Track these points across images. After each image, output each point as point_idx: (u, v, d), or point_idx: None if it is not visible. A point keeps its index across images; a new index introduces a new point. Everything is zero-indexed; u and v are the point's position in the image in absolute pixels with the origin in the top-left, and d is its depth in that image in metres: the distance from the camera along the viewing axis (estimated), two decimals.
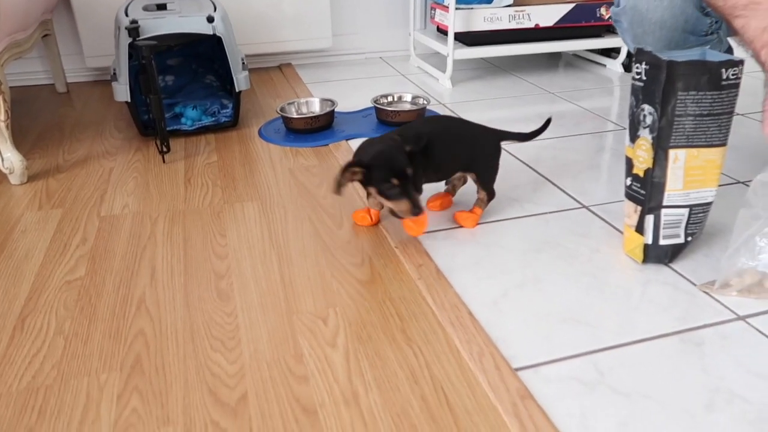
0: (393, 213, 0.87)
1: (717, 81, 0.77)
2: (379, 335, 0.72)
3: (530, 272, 0.84)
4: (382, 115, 1.42)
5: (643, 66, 0.82)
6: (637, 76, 0.84)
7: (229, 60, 1.33)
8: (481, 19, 1.70)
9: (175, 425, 0.59)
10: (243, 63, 1.40)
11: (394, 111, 1.40)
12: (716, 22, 0.90)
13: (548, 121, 1.03)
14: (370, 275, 0.84)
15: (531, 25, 1.74)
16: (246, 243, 0.92)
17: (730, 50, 1.13)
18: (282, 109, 1.39)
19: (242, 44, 1.81)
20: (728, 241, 0.81)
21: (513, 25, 1.73)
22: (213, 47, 1.52)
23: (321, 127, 1.37)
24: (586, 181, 1.11)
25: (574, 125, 1.40)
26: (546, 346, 0.69)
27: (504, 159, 1.21)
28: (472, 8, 1.69)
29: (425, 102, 1.44)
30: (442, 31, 1.78)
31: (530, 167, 1.17)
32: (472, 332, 0.71)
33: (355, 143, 1.31)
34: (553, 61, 2.05)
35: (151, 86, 1.17)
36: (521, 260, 0.86)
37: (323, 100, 1.44)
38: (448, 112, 1.52)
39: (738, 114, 1.47)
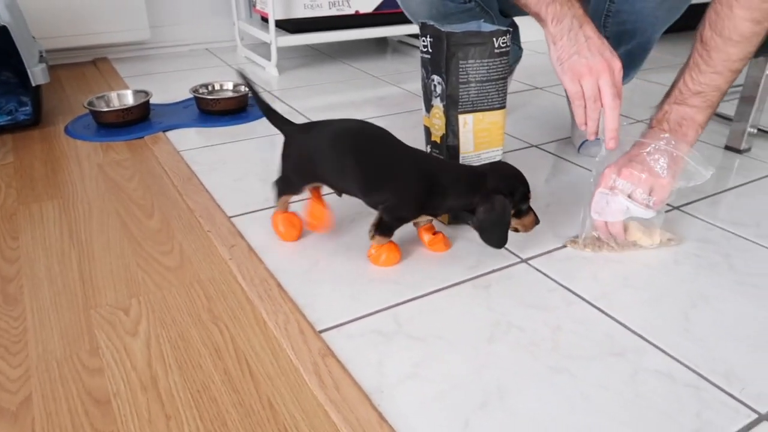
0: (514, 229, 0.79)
1: (491, 49, 0.85)
2: (184, 318, 0.70)
3: (342, 242, 0.86)
4: (202, 104, 1.38)
5: (428, 39, 0.88)
6: (424, 49, 0.89)
7: (20, 52, 1.22)
8: (302, 6, 1.71)
9: None
10: (41, 56, 1.29)
11: (214, 99, 1.36)
12: None
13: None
14: (179, 261, 0.82)
15: (351, 11, 1.78)
16: (42, 243, 0.85)
17: (514, 26, 1.25)
18: (90, 104, 1.30)
19: (48, 37, 1.66)
20: None
21: (334, 12, 1.76)
22: (8, 40, 1.38)
23: (135, 120, 1.30)
24: None
25: (394, 105, 1.46)
26: (352, 306, 0.72)
27: None
28: None
29: (246, 89, 1.42)
30: (266, 20, 1.77)
31: None
32: (279, 303, 0.72)
33: (174, 134, 1.27)
34: (381, 46, 2.12)
35: None
36: (334, 232, 0.89)
37: (137, 92, 1.36)
38: (274, 100, 1.51)
39: (537, 88, 1.62)
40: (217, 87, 1.45)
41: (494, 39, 0.84)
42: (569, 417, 0.57)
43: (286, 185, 0.84)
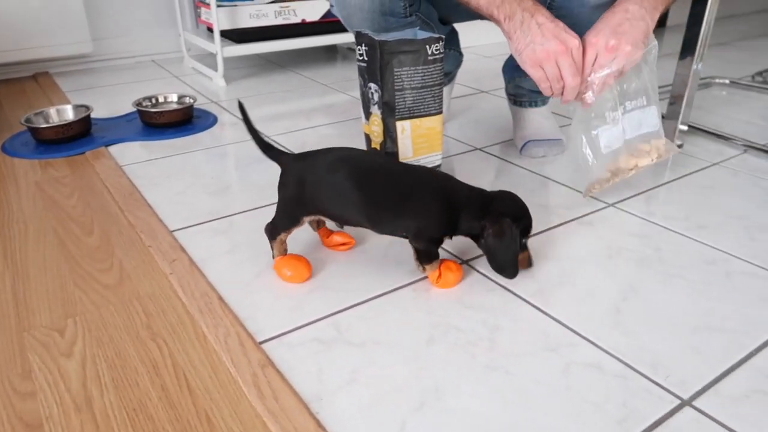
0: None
1: (425, 56, 0.87)
2: (122, 336, 0.69)
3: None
4: (145, 117, 1.36)
5: (364, 48, 0.89)
6: (360, 58, 0.91)
7: None
8: (247, 16, 1.71)
9: None
10: None
11: (158, 112, 1.35)
12: (411, 6, 1.00)
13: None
14: (118, 278, 0.80)
15: (298, 20, 1.79)
16: None
17: (454, 35, 1.27)
18: (28, 120, 1.27)
19: None
20: None
21: (280, 21, 1.76)
22: None
23: (76, 135, 1.27)
24: None
25: (342, 113, 1.47)
26: (293, 315, 0.72)
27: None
28: (236, 5, 1.68)
29: (192, 100, 1.41)
30: (211, 30, 1.76)
31: None
32: (220, 316, 0.72)
33: (117, 148, 1.25)
34: (330, 54, 2.13)
35: None
36: None
37: (77, 107, 1.33)
38: (221, 111, 1.50)
39: (482, 91, 1.66)
40: (161, 99, 1.43)
41: (427, 46, 0.86)
42: (503, 413, 0.58)
43: (284, 221, 0.78)
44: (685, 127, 1.23)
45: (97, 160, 1.19)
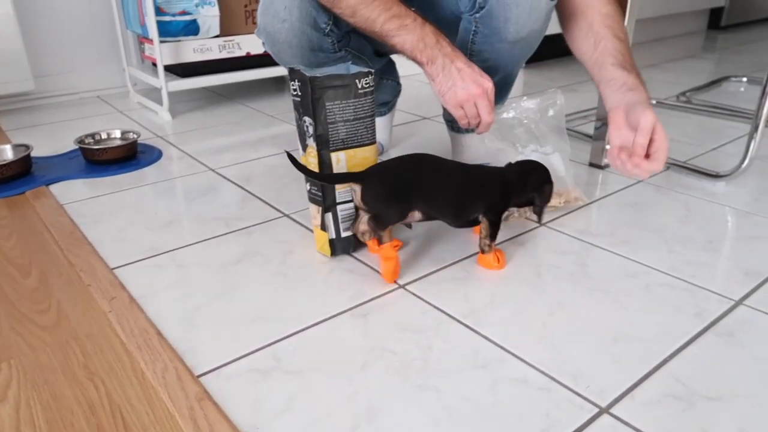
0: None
1: (355, 90, 0.90)
2: (58, 377, 0.69)
3: (227, 284, 0.88)
4: (88, 154, 1.35)
5: (297, 83, 0.92)
6: (294, 93, 0.94)
7: None
8: (191, 51, 1.72)
9: None
10: None
11: (101, 149, 1.35)
12: (339, 41, 1.05)
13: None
14: (56, 319, 0.80)
15: (243, 53, 1.81)
16: None
17: (390, 66, 1.32)
18: None
19: None
20: (401, 225, 0.95)
21: (225, 55, 1.78)
22: None
23: (15, 175, 1.26)
24: (290, 192, 1.19)
25: (287, 143, 1.50)
26: (232, 347, 0.74)
27: (214, 180, 1.25)
28: (179, 40, 1.70)
29: (135, 135, 1.41)
30: (156, 65, 1.77)
31: (240, 186, 1.23)
32: (158, 351, 0.72)
33: (58, 187, 1.24)
34: (278, 85, 2.16)
35: None
36: (219, 274, 0.90)
37: (16, 146, 1.32)
38: (167, 145, 1.51)
39: (425, 118, 1.71)
40: (104, 136, 1.43)
41: (357, 80, 0.89)
42: (432, 431, 0.61)
43: (389, 216, 0.86)
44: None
45: (38, 199, 1.19)
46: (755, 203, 1.12)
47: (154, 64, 1.82)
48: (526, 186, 0.92)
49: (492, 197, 0.90)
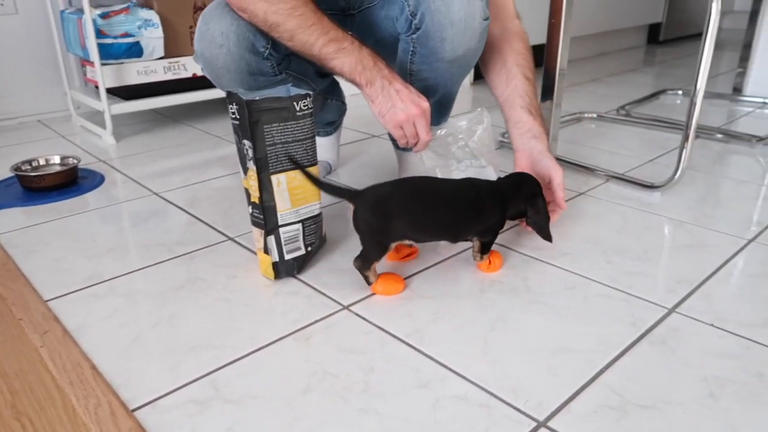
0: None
1: (293, 113, 0.90)
2: None
3: (167, 311, 0.86)
4: (25, 182, 1.31)
5: (235, 106, 0.92)
6: (233, 116, 0.93)
7: None
8: (135, 73, 1.70)
9: None
10: None
11: (38, 176, 1.31)
12: (279, 64, 1.05)
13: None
14: None
15: (188, 74, 1.79)
16: None
17: (335, 86, 1.33)
18: None
19: None
20: (347, 246, 0.95)
21: (170, 76, 1.76)
22: None
23: None
24: (236, 214, 1.18)
25: (234, 165, 1.48)
26: (169, 378, 0.72)
27: (157, 204, 1.23)
28: (122, 63, 1.67)
29: (76, 161, 1.38)
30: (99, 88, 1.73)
31: (184, 210, 1.21)
32: (91, 386, 0.70)
33: None
34: (225, 105, 2.13)
35: None
36: (159, 302, 0.88)
37: None
38: (110, 170, 1.48)
39: (374, 136, 1.72)
40: (42, 162, 1.39)
41: (294, 103, 0.90)
42: None
43: (374, 252, 0.87)
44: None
45: None
46: (689, 212, 1.16)
47: (97, 87, 1.79)
48: (519, 197, 0.94)
49: (488, 220, 0.91)
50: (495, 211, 0.91)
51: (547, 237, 0.96)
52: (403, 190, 0.88)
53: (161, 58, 1.73)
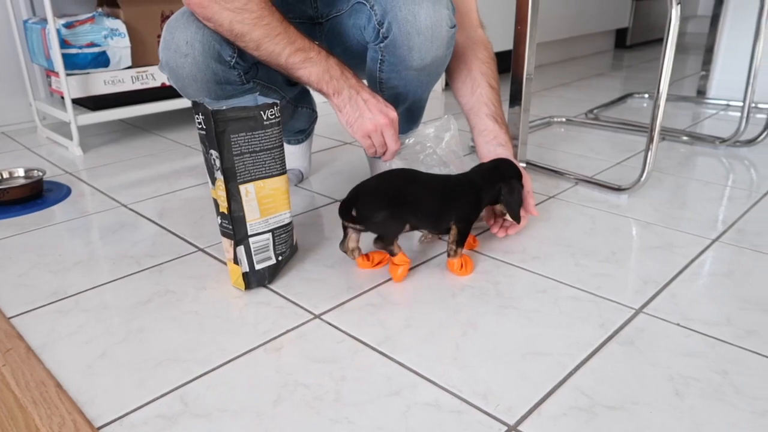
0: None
1: (260, 122, 0.90)
2: None
3: (135, 326, 0.84)
4: None
5: (201, 116, 0.91)
6: (199, 126, 0.92)
7: None
8: (102, 83, 1.67)
9: None
10: None
11: (2, 189, 1.28)
12: (246, 73, 1.05)
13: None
14: None
15: (157, 84, 1.77)
16: None
17: (305, 93, 1.33)
18: None
19: None
20: (319, 254, 0.94)
21: (138, 86, 1.74)
22: None
23: None
24: (206, 225, 1.17)
25: (204, 175, 1.47)
26: (136, 394, 0.71)
27: (125, 216, 1.21)
28: (88, 73, 1.65)
29: (41, 173, 1.35)
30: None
31: (153, 221, 1.19)
32: (56, 405, 0.68)
33: None
34: None
35: None
36: (127, 316, 0.87)
37: None
38: (76, 182, 1.45)
39: (346, 143, 1.72)
40: (5, 175, 1.36)
41: (262, 112, 0.89)
42: None
43: (392, 231, 0.91)
44: (524, 165, 1.35)
45: None
46: (655, 214, 1.18)
47: (63, 98, 1.76)
48: (494, 181, 0.97)
49: (464, 207, 0.94)
50: (467, 198, 0.95)
51: (516, 218, 0.99)
52: (389, 179, 0.93)
53: (129, 67, 1.71)
